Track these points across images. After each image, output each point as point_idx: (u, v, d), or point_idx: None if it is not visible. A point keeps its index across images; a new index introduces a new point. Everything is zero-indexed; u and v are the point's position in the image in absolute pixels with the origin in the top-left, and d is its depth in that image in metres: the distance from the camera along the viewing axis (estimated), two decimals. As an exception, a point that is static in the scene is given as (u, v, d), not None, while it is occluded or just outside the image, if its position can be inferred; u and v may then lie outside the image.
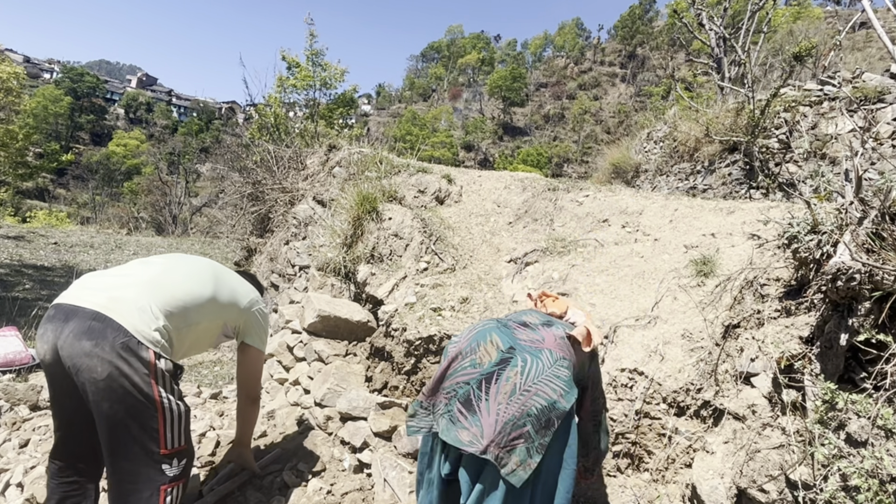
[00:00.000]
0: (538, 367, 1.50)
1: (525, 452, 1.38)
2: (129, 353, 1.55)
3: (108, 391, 1.51)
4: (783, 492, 1.55)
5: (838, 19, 29.87)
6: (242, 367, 2.15)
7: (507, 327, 1.67)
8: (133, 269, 1.81)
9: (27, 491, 2.37)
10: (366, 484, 2.32)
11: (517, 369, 1.49)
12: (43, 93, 49.46)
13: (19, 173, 11.50)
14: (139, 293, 1.67)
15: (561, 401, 1.46)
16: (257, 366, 2.19)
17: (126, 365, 1.53)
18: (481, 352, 1.55)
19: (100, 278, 1.75)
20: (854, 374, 1.58)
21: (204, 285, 1.88)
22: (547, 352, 1.57)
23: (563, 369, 1.54)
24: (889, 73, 4.56)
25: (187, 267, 1.91)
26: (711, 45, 6.74)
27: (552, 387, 1.48)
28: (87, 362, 1.51)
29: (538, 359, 1.53)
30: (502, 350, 1.54)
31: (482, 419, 1.43)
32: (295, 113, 10.70)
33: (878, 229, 1.56)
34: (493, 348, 1.55)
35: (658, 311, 2.60)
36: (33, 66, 65.83)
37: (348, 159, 4.96)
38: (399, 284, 3.38)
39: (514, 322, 1.73)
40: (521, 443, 1.38)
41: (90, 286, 1.68)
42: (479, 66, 75.09)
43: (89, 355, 1.51)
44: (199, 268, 1.94)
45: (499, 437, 1.38)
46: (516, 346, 1.57)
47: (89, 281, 1.73)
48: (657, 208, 3.46)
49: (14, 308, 5.79)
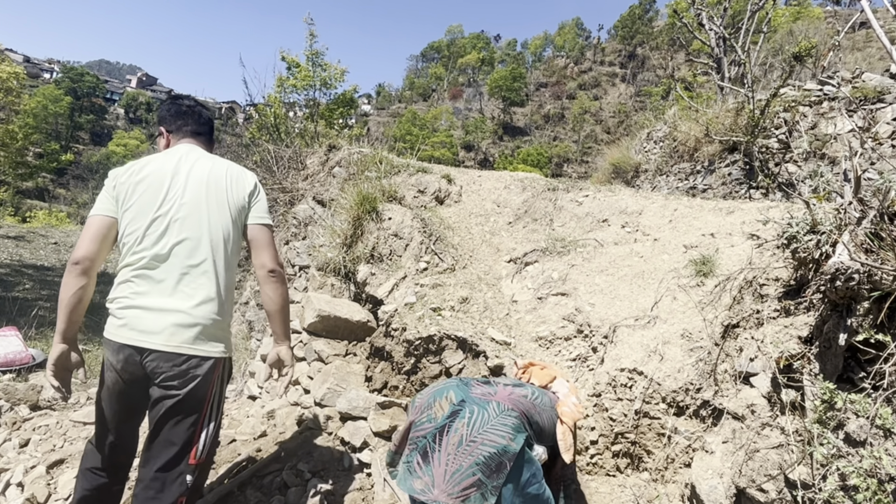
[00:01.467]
0: (483, 418, 1.56)
1: (480, 498, 1.44)
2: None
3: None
4: (782, 491, 1.56)
5: (838, 19, 29.86)
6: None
7: (467, 385, 1.73)
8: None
9: (27, 491, 2.37)
10: (366, 484, 2.32)
11: (464, 420, 1.56)
12: (43, 93, 49.41)
13: (19, 173, 11.52)
14: None
15: (511, 444, 1.51)
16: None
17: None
18: (436, 407, 1.64)
19: None
20: (853, 374, 1.58)
21: None
22: (494, 403, 1.61)
23: (509, 418, 1.58)
24: (888, 73, 4.57)
25: None
26: (711, 45, 6.74)
27: (500, 434, 1.52)
28: None
29: (485, 409, 1.58)
30: (454, 403, 1.62)
31: (434, 469, 1.51)
32: (295, 113, 10.70)
33: (876, 229, 1.56)
34: (447, 403, 1.63)
35: (657, 310, 2.60)
36: (33, 66, 65.81)
37: (348, 159, 4.96)
38: (399, 284, 3.38)
39: (477, 381, 1.80)
40: (473, 491, 1.45)
41: None
42: (479, 66, 75.07)
43: None
44: None
45: (448, 486, 1.46)
46: (467, 398, 1.64)
47: None
48: (657, 208, 3.46)
49: (14, 308, 5.79)
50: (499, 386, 1.77)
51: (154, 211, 1.70)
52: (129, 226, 1.70)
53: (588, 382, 2.51)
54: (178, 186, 1.75)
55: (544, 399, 1.82)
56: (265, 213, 1.90)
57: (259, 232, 1.86)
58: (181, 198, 1.73)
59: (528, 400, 1.72)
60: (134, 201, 1.71)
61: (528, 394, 1.76)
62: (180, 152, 1.85)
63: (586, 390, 2.47)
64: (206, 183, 1.78)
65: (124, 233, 1.71)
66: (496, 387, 1.76)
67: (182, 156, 1.83)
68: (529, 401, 1.73)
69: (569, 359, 2.70)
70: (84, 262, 1.65)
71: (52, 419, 3.07)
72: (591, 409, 2.40)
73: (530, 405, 1.71)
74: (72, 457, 2.58)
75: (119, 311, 1.68)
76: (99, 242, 1.69)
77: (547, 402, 1.82)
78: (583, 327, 2.74)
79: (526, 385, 1.89)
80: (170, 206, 1.72)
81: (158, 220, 1.70)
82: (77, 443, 2.79)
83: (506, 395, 1.70)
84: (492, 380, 1.87)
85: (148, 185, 1.73)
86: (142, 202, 1.71)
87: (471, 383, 1.77)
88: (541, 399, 1.80)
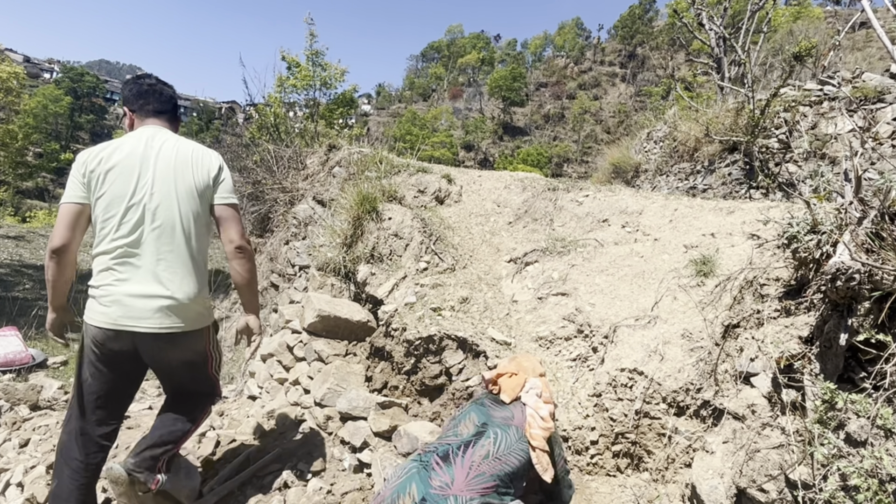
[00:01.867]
0: (507, 442, 1.78)
1: (496, 496, 1.63)
2: None
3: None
4: (783, 491, 1.56)
5: (838, 19, 29.86)
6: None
7: (427, 471, 1.67)
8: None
9: (27, 491, 2.37)
10: (366, 484, 2.32)
11: (490, 440, 1.76)
12: (43, 92, 49.41)
13: (19, 173, 11.54)
14: None
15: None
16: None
17: None
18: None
19: None
20: (853, 374, 1.58)
21: None
22: (514, 428, 1.85)
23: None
24: (889, 72, 4.57)
25: None
26: (711, 45, 6.73)
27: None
28: None
29: (507, 434, 1.81)
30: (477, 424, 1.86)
31: (456, 470, 1.64)
32: (295, 113, 10.70)
33: (877, 229, 1.56)
34: (410, 500, 1.60)
35: (658, 310, 2.60)
36: (33, 66, 65.78)
37: (348, 159, 4.95)
38: (399, 284, 3.38)
39: (438, 459, 1.72)
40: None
41: None
42: (479, 66, 75.03)
43: None
44: None
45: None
46: (427, 497, 1.65)
47: None
48: (657, 208, 3.46)
49: (14, 308, 5.79)
50: (455, 465, 1.67)
51: (128, 200, 1.81)
52: (104, 213, 1.82)
53: (588, 382, 2.51)
54: (148, 174, 1.85)
55: (508, 439, 1.78)
56: (230, 192, 2.02)
57: (225, 211, 1.98)
58: (152, 186, 1.84)
59: (489, 461, 1.68)
60: (106, 189, 1.81)
61: (488, 451, 1.71)
62: (146, 134, 1.93)
63: (586, 390, 2.47)
64: (173, 168, 1.88)
65: (98, 219, 1.83)
66: (452, 468, 1.66)
67: (148, 139, 1.91)
68: (490, 460, 1.69)
69: (569, 359, 2.70)
70: (61, 251, 1.79)
71: (52, 419, 3.07)
72: (592, 409, 2.40)
73: (494, 466, 1.67)
74: (72, 457, 2.58)
75: (104, 299, 1.80)
76: (72, 230, 1.81)
77: (512, 439, 1.78)
78: (583, 327, 2.74)
79: (490, 422, 1.85)
80: (142, 195, 1.83)
81: (133, 209, 1.81)
82: (77, 443, 2.79)
83: (462, 482, 1.62)
84: (451, 448, 1.74)
85: (119, 174, 1.82)
86: (114, 191, 1.81)
87: (431, 468, 1.67)
88: (504, 443, 1.76)
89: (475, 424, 1.85)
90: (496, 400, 2.01)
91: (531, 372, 2.11)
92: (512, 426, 1.85)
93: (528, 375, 2.09)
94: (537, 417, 1.90)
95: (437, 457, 1.72)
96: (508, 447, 1.76)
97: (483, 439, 1.77)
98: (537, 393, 2.00)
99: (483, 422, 1.86)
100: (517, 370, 2.11)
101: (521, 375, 2.08)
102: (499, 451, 1.73)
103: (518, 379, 2.07)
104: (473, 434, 1.80)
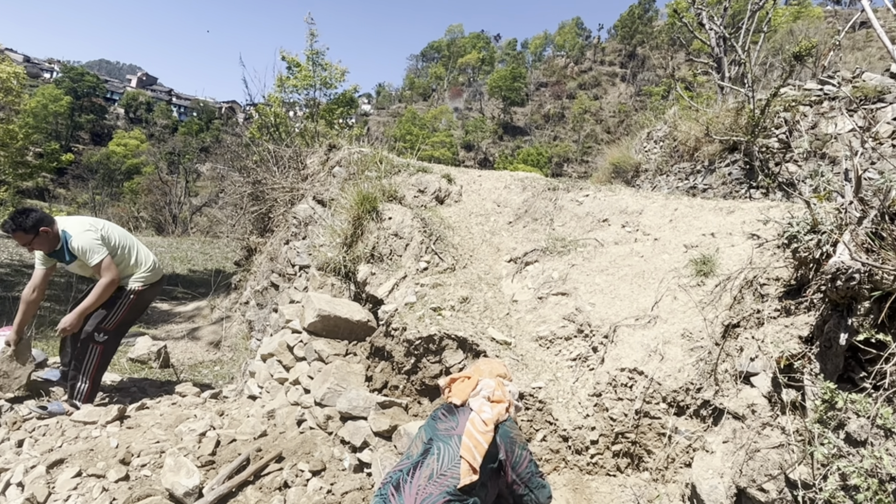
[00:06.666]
0: (450, 454, 1.72)
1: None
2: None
3: None
4: (783, 491, 1.56)
5: (838, 19, 29.85)
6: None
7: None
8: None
9: (27, 490, 2.37)
10: (366, 483, 2.32)
11: (434, 457, 1.73)
12: (43, 92, 49.44)
13: (19, 173, 11.52)
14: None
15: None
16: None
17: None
18: None
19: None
20: (853, 374, 1.58)
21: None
22: (456, 437, 1.78)
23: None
24: (889, 72, 4.57)
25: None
26: (711, 45, 6.73)
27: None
28: None
29: (448, 445, 1.75)
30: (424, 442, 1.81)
31: (405, 499, 1.64)
32: (295, 113, 10.70)
33: (877, 229, 1.56)
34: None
35: (658, 310, 2.60)
36: (33, 66, 65.80)
37: (348, 159, 4.95)
38: (399, 284, 3.38)
39: (393, 491, 1.73)
40: None
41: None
42: (479, 66, 75.04)
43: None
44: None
45: None
46: (434, 436, 1.78)
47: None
48: (657, 208, 3.46)
49: (14, 308, 5.78)
50: (405, 494, 1.67)
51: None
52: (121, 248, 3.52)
53: (588, 382, 2.51)
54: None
55: (451, 451, 1.73)
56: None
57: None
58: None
59: (433, 480, 1.66)
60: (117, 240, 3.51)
61: (432, 469, 1.68)
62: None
63: (586, 390, 2.47)
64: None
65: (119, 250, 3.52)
66: (402, 498, 1.66)
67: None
68: (435, 478, 1.66)
69: (569, 358, 2.70)
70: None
71: (51, 419, 3.07)
72: (592, 408, 2.40)
73: (440, 483, 1.65)
74: (71, 456, 2.58)
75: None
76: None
77: (454, 450, 1.73)
78: (583, 327, 2.74)
79: (435, 437, 1.81)
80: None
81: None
82: (76, 442, 2.79)
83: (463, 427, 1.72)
84: (402, 475, 1.74)
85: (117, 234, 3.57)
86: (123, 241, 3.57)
87: (388, 501, 1.67)
88: (447, 456, 1.72)
89: (423, 442, 1.81)
90: (448, 409, 1.90)
91: (487, 374, 1.99)
92: (453, 436, 1.78)
93: (483, 377, 1.97)
94: (477, 421, 1.78)
95: (392, 487, 1.70)
96: (451, 459, 1.71)
97: (428, 457, 1.73)
98: (486, 395, 1.88)
99: (429, 437, 1.81)
100: (472, 374, 2.01)
101: (473, 378, 1.96)
102: (442, 466, 1.69)
103: (470, 382, 1.95)
104: (420, 453, 1.76)
